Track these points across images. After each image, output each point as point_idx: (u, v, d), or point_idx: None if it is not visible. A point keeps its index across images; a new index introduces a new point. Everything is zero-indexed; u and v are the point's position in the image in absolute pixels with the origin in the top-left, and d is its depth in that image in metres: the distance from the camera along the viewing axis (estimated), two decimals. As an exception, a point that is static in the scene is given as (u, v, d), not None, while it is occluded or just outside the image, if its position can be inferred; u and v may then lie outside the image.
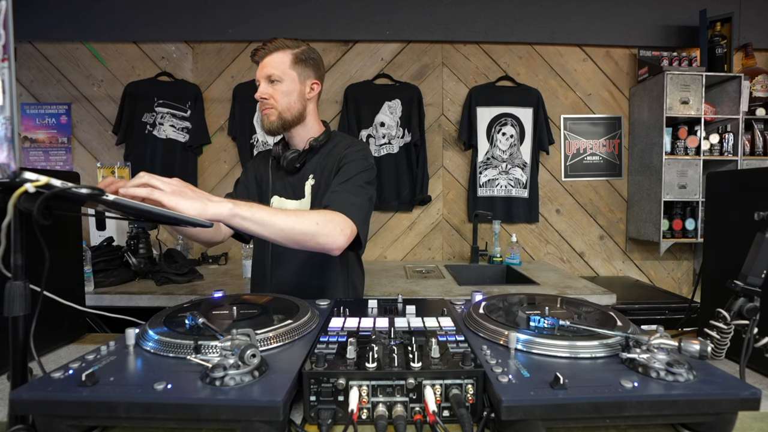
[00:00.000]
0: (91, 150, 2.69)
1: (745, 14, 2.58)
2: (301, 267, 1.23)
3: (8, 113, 0.50)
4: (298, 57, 1.17)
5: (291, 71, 1.16)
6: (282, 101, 1.16)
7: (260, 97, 1.17)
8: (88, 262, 1.72)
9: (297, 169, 1.22)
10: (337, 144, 1.24)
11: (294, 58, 1.17)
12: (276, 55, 1.15)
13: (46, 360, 0.85)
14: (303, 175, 1.22)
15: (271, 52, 1.16)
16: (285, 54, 1.16)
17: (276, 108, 1.16)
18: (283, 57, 1.16)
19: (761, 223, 0.71)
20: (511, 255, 2.44)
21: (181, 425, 0.54)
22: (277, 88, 1.16)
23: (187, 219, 0.73)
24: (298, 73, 1.17)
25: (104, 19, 2.58)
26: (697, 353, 0.55)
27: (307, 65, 1.19)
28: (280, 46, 1.16)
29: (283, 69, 1.15)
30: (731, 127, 2.46)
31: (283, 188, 1.24)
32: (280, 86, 1.16)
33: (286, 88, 1.16)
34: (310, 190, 1.21)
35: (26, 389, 0.52)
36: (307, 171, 1.22)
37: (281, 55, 1.16)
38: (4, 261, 0.55)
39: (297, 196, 1.22)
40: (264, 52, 1.16)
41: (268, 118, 1.18)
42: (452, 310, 0.87)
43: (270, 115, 1.17)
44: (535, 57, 2.69)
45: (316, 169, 1.21)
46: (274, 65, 1.15)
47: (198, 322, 0.71)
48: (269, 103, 1.16)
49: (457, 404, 0.54)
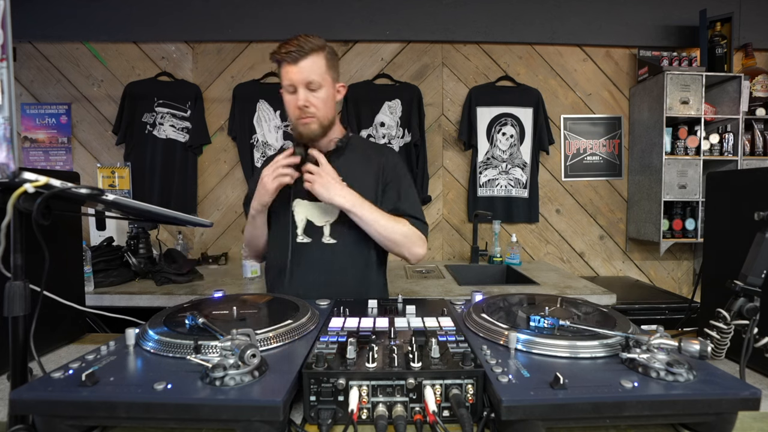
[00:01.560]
0: (91, 150, 2.69)
1: (745, 14, 2.58)
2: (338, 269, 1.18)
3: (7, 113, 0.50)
4: (329, 59, 1.10)
5: (327, 76, 1.10)
6: (322, 109, 1.11)
7: (302, 105, 1.08)
8: (88, 262, 1.72)
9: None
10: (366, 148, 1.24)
11: (327, 62, 1.10)
12: (312, 58, 1.07)
13: (46, 360, 0.85)
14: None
15: (307, 54, 1.06)
16: (320, 57, 1.08)
17: (317, 116, 1.11)
18: (318, 60, 1.08)
19: (761, 223, 0.71)
20: (511, 255, 2.44)
21: (181, 425, 0.54)
22: (318, 95, 1.09)
23: (187, 219, 0.73)
24: (332, 77, 1.12)
25: (104, 19, 2.58)
26: (697, 353, 0.55)
27: (335, 67, 1.13)
28: (314, 47, 1.07)
29: (321, 74, 1.08)
30: (731, 127, 2.46)
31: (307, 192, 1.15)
32: (321, 92, 1.09)
33: (325, 95, 1.10)
34: None
35: (26, 389, 0.52)
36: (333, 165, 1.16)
37: (317, 58, 1.08)
38: (4, 261, 0.55)
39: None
40: (298, 54, 1.05)
41: (308, 127, 1.11)
42: (452, 310, 0.87)
43: (311, 123, 1.11)
44: (535, 57, 2.69)
45: (347, 174, 1.15)
46: (312, 70, 1.07)
47: (198, 322, 0.71)
48: (311, 112, 1.09)
49: (457, 404, 0.54)
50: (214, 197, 2.71)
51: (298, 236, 1.18)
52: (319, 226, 1.18)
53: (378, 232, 1.12)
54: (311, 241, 1.18)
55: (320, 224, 1.18)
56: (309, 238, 1.19)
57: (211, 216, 2.70)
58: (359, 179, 1.17)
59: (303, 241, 1.18)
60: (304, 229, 1.19)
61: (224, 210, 2.71)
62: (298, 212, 1.19)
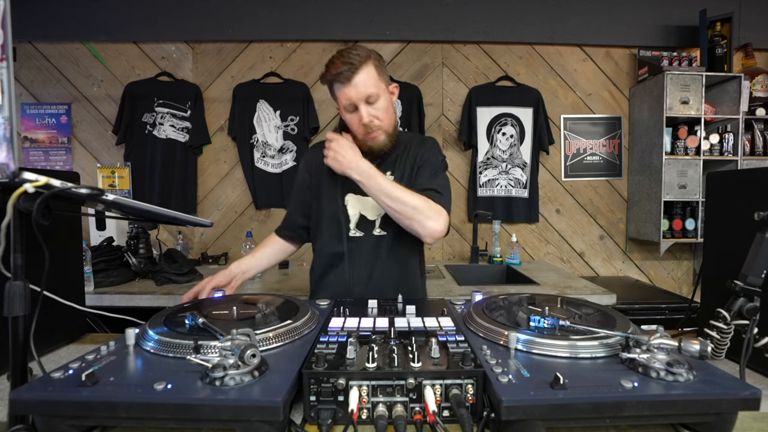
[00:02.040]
0: (91, 150, 2.69)
1: (745, 14, 2.58)
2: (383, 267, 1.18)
3: (7, 113, 0.50)
4: (378, 66, 1.08)
5: (381, 83, 1.08)
6: (386, 119, 1.10)
7: (368, 121, 1.07)
8: (88, 262, 1.72)
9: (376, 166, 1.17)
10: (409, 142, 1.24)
11: (377, 69, 1.08)
12: (364, 71, 1.05)
13: (46, 360, 0.85)
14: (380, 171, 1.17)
15: (358, 68, 1.04)
16: (370, 67, 1.06)
17: (383, 128, 1.10)
18: (370, 71, 1.06)
19: (761, 223, 0.71)
20: (511, 255, 2.44)
21: (181, 425, 0.54)
22: (379, 105, 1.08)
23: (187, 219, 0.73)
24: (385, 82, 1.11)
25: (104, 19, 2.58)
26: (697, 353, 0.55)
27: (385, 72, 1.11)
28: (363, 59, 1.05)
29: (376, 84, 1.06)
30: (731, 127, 2.46)
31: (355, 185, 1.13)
32: (380, 102, 1.08)
33: (385, 104, 1.09)
34: None
35: (26, 389, 0.52)
36: (383, 168, 1.17)
37: (368, 69, 1.05)
38: (4, 261, 0.55)
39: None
40: (350, 71, 1.03)
41: (377, 140, 1.11)
42: (452, 310, 0.87)
43: (379, 136, 1.10)
44: (535, 57, 2.69)
45: (395, 168, 1.19)
46: (367, 84, 1.05)
47: (198, 322, 0.71)
48: (376, 125, 1.09)
49: (457, 404, 0.54)
50: (214, 197, 2.71)
51: (351, 230, 1.19)
52: (372, 219, 1.19)
53: (386, 204, 1.06)
54: (363, 235, 1.18)
55: (372, 218, 1.19)
56: (361, 233, 1.19)
57: (211, 216, 2.70)
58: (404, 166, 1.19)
59: (355, 236, 1.18)
60: (357, 223, 1.19)
61: (224, 210, 2.71)
62: (351, 206, 1.19)
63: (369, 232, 1.19)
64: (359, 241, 1.18)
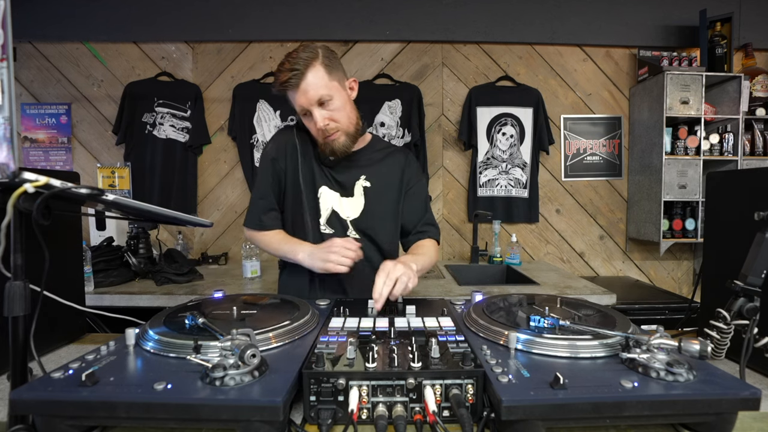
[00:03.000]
0: (91, 150, 2.69)
1: (745, 14, 2.58)
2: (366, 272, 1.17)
3: (7, 113, 0.50)
4: (327, 64, 1.05)
5: (333, 83, 1.05)
6: (343, 119, 1.08)
7: (323, 126, 1.05)
8: (88, 262, 1.72)
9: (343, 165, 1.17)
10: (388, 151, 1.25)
11: (326, 68, 1.04)
12: (311, 73, 1.02)
13: (46, 360, 0.85)
14: (353, 174, 1.18)
15: (304, 72, 1.02)
16: (317, 67, 1.03)
17: (341, 129, 1.08)
18: (318, 72, 1.03)
19: (761, 223, 0.71)
20: (511, 255, 2.44)
21: (181, 425, 0.54)
22: (333, 107, 1.06)
23: (187, 219, 0.73)
24: (338, 80, 1.07)
25: (104, 19, 2.58)
26: (697, 353, 0.55)
27: (337, 68, 1.08)
28: (308, 62, 1.02)
29: (326, 85, 1.04)
30: (731, 127, 2.46)
31: (327, 180, 1.17)
32: (334, 103, 1.05)
33: (340, 103, 1.07)
34: (362, 191, 1.18)
35: (26, 389, 0.52)
36: (357, 170, 1.18)
37: (315, 71, 1.03)
38: (4, 261, 0.55)
39: (346, 193, 1.18)
40: (296, 77, 1.01)
41: (337, 143, 1.08)
42: (452, 310, 0.87)
43: (338, 138, 1.08)
44: (535, 57, 2.69)
45: (371, 174, 1.18)
46: (317, 87, 1.03)
47: (198, 322, 0.71)
48: (333, 127, 1.07)
49: (457, 404, 0.54)
50: (214, 197, 2.71)
51: (321, 226, 1.18)
52: (344, 218, 1.19)
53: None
54: (333, 233, 1.17)
55: (344, 217, 1.19)
56: (332, 230, 1.18)
57: (211, 216, 2.70)
58: (384, 175, 1.21)
59: (326, 232, 1.17)
60: (328, 218, 1.18)
61: (224, 210, 2.71)
62: (324, 201, 1.18)
63: (341, 232, 1.18)
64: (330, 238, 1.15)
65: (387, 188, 1.21)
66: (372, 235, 1.20)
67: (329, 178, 1.18)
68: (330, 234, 1.17)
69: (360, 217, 1.19)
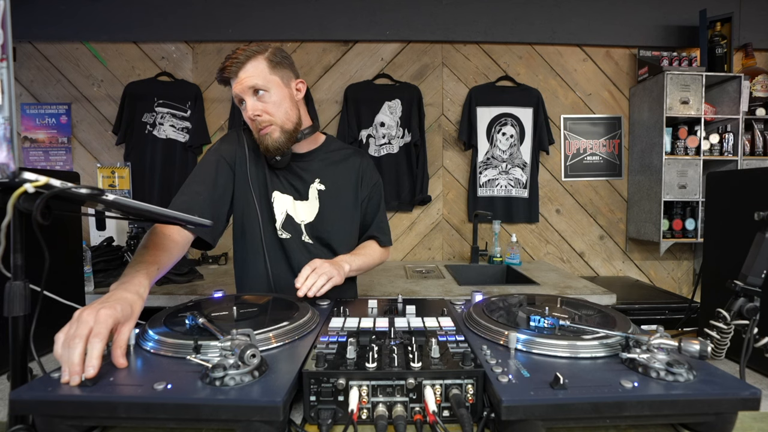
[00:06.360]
0: (91, 150, 2.69)
1: (745, 14, 2.58)
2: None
3: (7, 113, 0.50)
4: (272, 60, 1.06)
5: (273, 77, 1.06)
6: (278, 113, 1.06)
7: (253, 115, 1.05)
8: (88, 262, 1.72)
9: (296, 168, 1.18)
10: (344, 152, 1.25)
11: (270, 63, 1.06)
12: (250, 64, 1.04)
13: (46, 360, 0.85)
14: (307, 177, 1.18)
15: (244, 63, 1.04)
16: (259, 61, 1.05)
17: (275, 123, 1.06)
18: (258, 65, 1.04)
19: (761, 223, 0.71)
20: (511, 255, 2.44)
21: (181, 425, 0.54)
22: (268, 99, 1.05)
23: (186, 219, 0.73)
24: (280, 77, 1.08)
25: (104, 19, 2.58)
26: (697, 353, 0.55)
27: (284, 66, 1.09)
28: (251, 54, 1.04)
29: (264, 77, 1.04)
30: (731, 127, 2.46)
31: (280, 184, 1.17)
32: (270, 96, 1.05)
33: (276, 98, 1.06)
34: (317, 195, 1.18)
35: (26, 389, 0.52)
36: (311, 173, 1.18)
37: (256, 63, 1.04)
38: (4, 261, 0.55)
39: (301, 196, 1.18)
40: (236, 65, 1.03)
41: (270, 137, 1.07)
42: (452, 310, 0.87)
43: (272, 132, 1.07)
44: (535, 57, 2.69)
45: (325, 177, 1.18)
46: (252, 75, 1.04)
47: (198, 322, 0.71)
48: (265, 120, 1.06)
49: (457, 404, 0.54)
50: (214, 197, 2.71)
51: (278, 231, 1.17)
52: (298, 222, 1.19)
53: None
54: (290, 238, 1.18)
55: (299, 221, 1.19)
56: (288, 234, 1.18)
57: (211, 216, 2.69)
58: (337, 179, 1.20)
59: (283, 237, 1.17)
60: (283, 223, 1.18)
61: (224, 210, 2.71)
62: (278, 205, 1.17)
63: (296, 237, 1.18)
64: (287, 243, 1.17)
65: (342, 192, 1.21)
66: (326, 239, 1.19)
67: (281, 182, 1.18)
68: (286, 238, 1.17)
69: (315, 221, 1.18)
